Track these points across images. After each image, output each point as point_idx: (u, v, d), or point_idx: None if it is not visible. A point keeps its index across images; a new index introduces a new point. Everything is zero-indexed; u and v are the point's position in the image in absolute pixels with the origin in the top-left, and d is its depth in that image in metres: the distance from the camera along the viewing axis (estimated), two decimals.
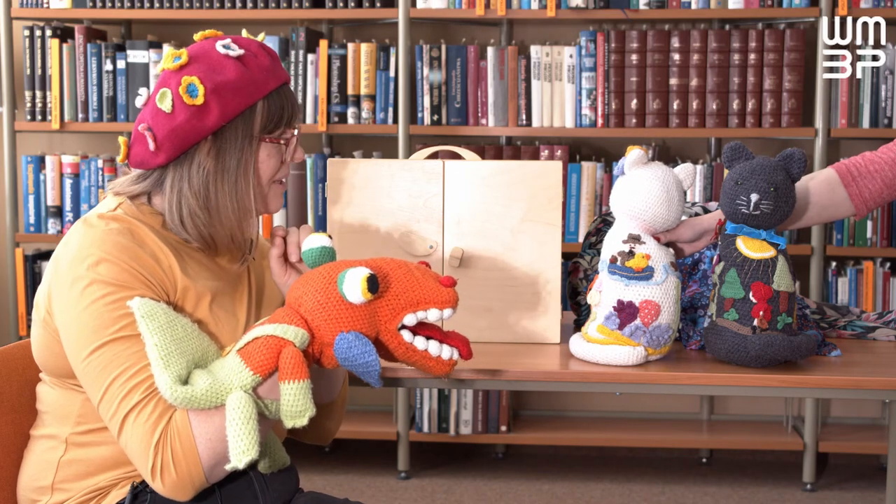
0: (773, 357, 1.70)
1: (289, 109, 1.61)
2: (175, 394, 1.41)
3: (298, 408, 1.42)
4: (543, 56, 3.50)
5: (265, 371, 1.44)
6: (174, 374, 1.42)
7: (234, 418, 1.40)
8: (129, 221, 1.55)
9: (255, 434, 1.40)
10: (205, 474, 1.45)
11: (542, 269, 1.94)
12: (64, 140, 3.84)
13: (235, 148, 1.57)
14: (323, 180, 3.52)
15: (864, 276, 3.48)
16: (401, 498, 3.40)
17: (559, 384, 1.81)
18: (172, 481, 1.43)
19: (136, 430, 1.43)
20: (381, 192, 1.95)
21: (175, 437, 1.43)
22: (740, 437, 3.61)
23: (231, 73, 1.54)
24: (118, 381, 1.44)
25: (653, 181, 1.76)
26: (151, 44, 3.58)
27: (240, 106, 1.55)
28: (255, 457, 1.39)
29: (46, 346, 1.55)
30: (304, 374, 1.42)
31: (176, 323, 1.46)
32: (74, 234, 1.53)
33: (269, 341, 1.44)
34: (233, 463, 1.39)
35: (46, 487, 1.56)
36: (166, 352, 1.43)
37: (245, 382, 1.43)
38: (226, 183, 1.57)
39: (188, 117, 1.53)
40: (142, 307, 1.45)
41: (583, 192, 3.51)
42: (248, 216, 1.61)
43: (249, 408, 1.41)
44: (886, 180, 1.89)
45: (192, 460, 1.43)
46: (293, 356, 1.43)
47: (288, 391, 1.42)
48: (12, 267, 3.60)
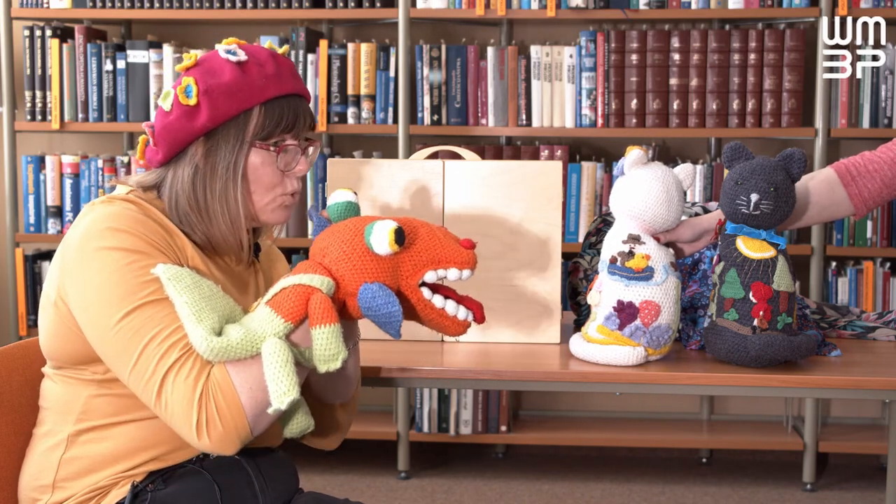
0: (773, 357, 1.70)
1: (289, 118, 1.60)
2: (210, 345, 1.42)
3: (331, 351, 1.45)
4: (543, 56, 3.50)
5: (296, 318, 1.46)
6: (208, 327, 1.43)
7: (271, 362, 1.42)
8: (140, 203, 1.57)
9: (294, 376, 1.42)
10: (249, 425, 1.46)
11: (542, 268, 1.94)
12: (64, 140, 3.84)
13: (226, 151, 1.57)
14: (323, 180, 3.52)
15: (864, 276, 3.48)
16: (401, 498, 3.40)
17: (559, 384, 1.81)
18: (219, 434, 1.44)
19: (178, 388, 1.44)
20: (381, 192, 1.95)
21: (217, 390, 1.44)
22: (740, 437, 3.61)
23: (226, 76, 1.56)
24: (153, 343, 1.45)
25: (653, 181, 1.76)
26: (151, 44, 3.58)
27: (232, 109, 1.56)
28: (297, 396, 1.41)
29: (56, 331, 1.56)
30: (334, 319, 1.45)
31: (202, 283, 1.48)
32: (87, 215, 1.54)
33: (297, 289, 1.47)
34: (275, 405, 1.41)
35: (47, 486, 1.56)
36: (197, 308, 1.44)
37: (278, 330, 1.45)
38: (215, 185, 1.58)
39: (179, 116, 1.56)
40: (167, 271, 1.46)
41: (583, 192, 3.51)
42: (238, 221, 1.60)
43: (285, 351, 1.43)
44: (886, 180, 1.89)
45: (236, 411, 1.44)
46: (322, 301, 1.45)
47: (319, 335, 1.44)
48: (12, 267, 3.60)
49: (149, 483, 1.53)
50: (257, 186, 1.60)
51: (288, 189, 1.62)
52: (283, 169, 1.61)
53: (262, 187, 1.60)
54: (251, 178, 1.59)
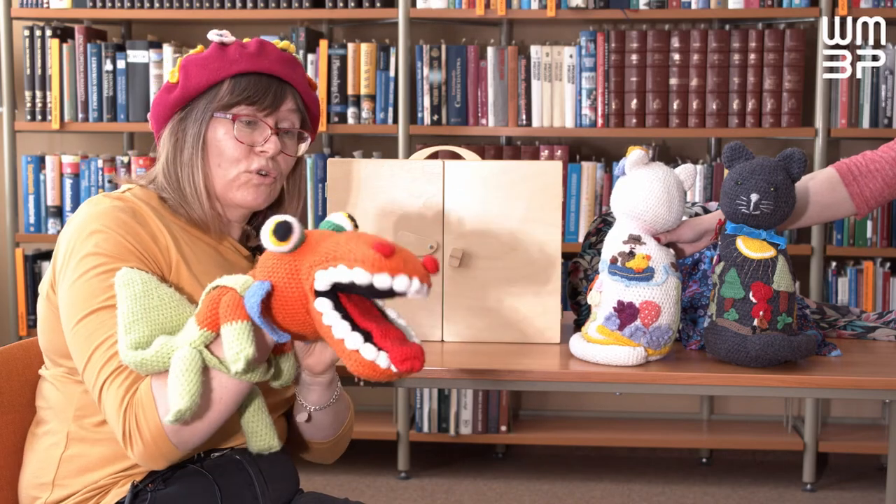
0: (773, 357, 1.70)
1: (256, 92, 1.59)
2: (126, 357, 1.40)
3: (234, 349, 1.33)
4: (543, 56, 3.50)
5: (210, 324, 1.38)
6: (132, 340, 1.40)
7: (172, 370, 1.36)
8: (132, 202, 1.57)
9: (195, 385, 1.34)
10: (169, 439, 1.42)
11: (542, 269, 1.94)
12: (64, 140, 3.84)
13: (193, 123, 1.60)
14: (323, 180, 3.52)
15: (864, 276, 3.48)
16: (401, 498, 3.40)
17: (559, 384, 1.81)
18: (141, 450, 1.42)
19: (110, 397, 1.43)
20: (381, 192, 1.95)
21: (139, 404, 1.42)
22: (740, 437, 3.61)
23: (206, 53, 1.61)
24: (101, 349, 1.45)
25: (654, 182, 1.76)
26: (151, 44, 3.57)
27: (202, 81, 1.59)
28: (184, 406, 1.33)
29: (48, 321, 1.58)
30: (240, 316, 1.34)
31: (153, 293, 1.44)
32: (79, 213, 1.56)
33: (211, 294, 1.40)
34: (171, 414, 1.33)
35: (47, 484, 1.57)
36: (132, 318, 1.41)
37: (193, 338, 1.38)
38: (183, 157, 1.60)
39: (161, 93, 1.63)
40: (122, 276, 1.45)
41: (583, 192, 3.51)
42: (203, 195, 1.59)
43: (189, 359, 1.36)
44: (887, 179, 1.89)
45: (154, 427, 1.41)
46: (231, 299, 1.36)
47: (225, 334, 1.35)
48: (12, 267, 3.60)
49: (149, 483, 1.53)
50: (221, 160, 1.60)
51: (253, 166, 1.61)
52: (244, 142, 1.60)
53: (225, 160, 1.60)
54: (214, 151, 1.60)
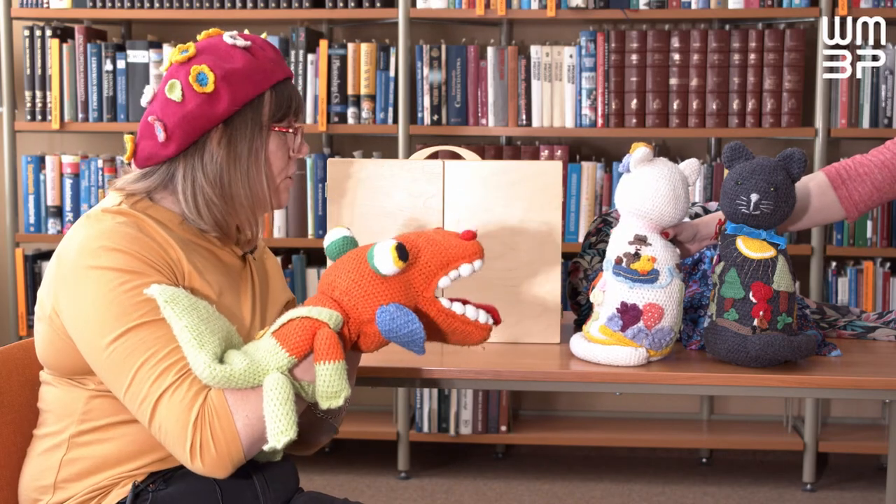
0: (773, 357, 1.70)
1: (296, 100, 1.64)
2: (214, 373, 1.41)
3: (334, 388, 1.44)
4: (543, 56, 3.50)
5: (301, 352, 1.45)
6: (211, 353, 1.42)
7: (271, 399, 1.41)
8: (134, 215, 1.55)
9: (294, 415, 1.41)
10: (244, 452, 1.46)
11: (542, 268, 1.94)
12: (64, 140, 3.84)
13: (246, 136, 1.59)
14: (323, 180, 3.52)
15: (864, 276, 3.48)
16: (401, 498, 3.40)
17: (559, 384, 1.81)
18: (212, 460, 1.44)
19: (172, 410, 1.43)
20: (381, 192, 1.95)
21: (213, 415, 1.43)
22: (740, 437, 3.61)
23: (240, 61, 1.57)
24: (147, 365, 1.44)
25: (659, 179, 1.76)
26: (151, 44, 3.58)
27: (249, 93, 1.57)
28: (293, 437, 1.40)
29: (51, 343, 1.55)
30: (339, 355, 1.44)
31: (198, 304, 1.46)
32: (79, 229, 1.53)
33: (303, 323, 1.46)
34: (271, 443, 1.41)
35: (48, 487, 1.56)
36: (198, 332, 1.43)
37: (281, 363, 1.44)
38: (238, 171, 1.59)
39: (198, 104, 1.55)
40: (163, 292, 1.44)
41: (583, 192, 3.51)
42: (261, 204, 1.63)
43: (287, 389, 1.42)
44: (876, 183, 1.89)
45: (231, 438, 1.44)
46: (328, 337, 1.44)
47: (323, 372, 1.43)
48: (12, 267, 3.60)
49: (150, 483, 1.53)
50: (270, 169, 1.63)
51: (291, 171, 1.68)
52: (294, 151, 1.65)
53: (276, 171, 1.64)
54: (269, 163, 1.63)
